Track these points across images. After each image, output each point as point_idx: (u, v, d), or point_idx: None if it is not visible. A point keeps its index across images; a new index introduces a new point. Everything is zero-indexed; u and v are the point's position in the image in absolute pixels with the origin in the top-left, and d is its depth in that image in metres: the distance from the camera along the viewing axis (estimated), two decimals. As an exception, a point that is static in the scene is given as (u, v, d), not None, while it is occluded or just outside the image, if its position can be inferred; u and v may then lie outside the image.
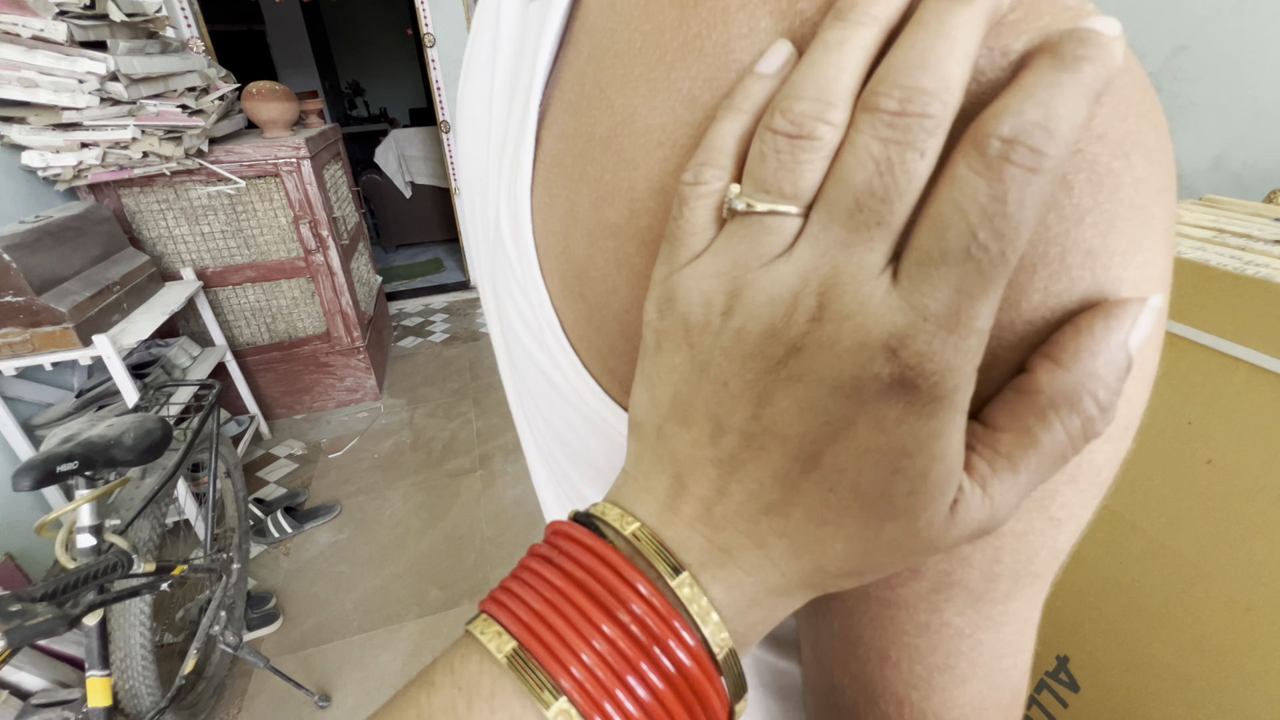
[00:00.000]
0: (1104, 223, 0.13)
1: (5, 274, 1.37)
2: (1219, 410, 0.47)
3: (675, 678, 0.15)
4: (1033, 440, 0.14)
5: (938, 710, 0.18)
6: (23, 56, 1.48)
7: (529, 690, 0.14)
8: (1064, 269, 0.14)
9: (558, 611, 0.15)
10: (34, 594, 0.62)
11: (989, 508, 0.14)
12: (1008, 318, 0.14)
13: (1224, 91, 1.05)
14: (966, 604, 0.17)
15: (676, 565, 0.15)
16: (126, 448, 0.91)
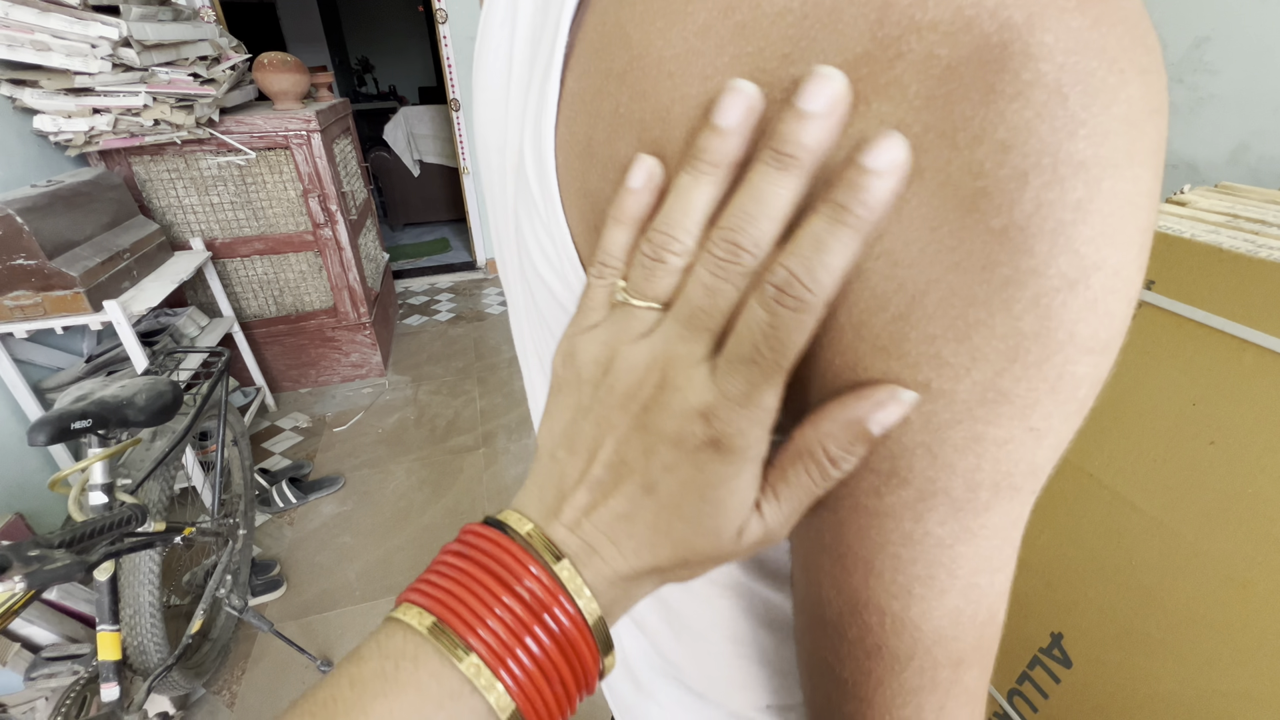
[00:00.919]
0: (1097, 136, 0.14)
1: (18, 237, 1.38)
2: (1224, 391, 0.48)
3: (559, 637, 0.19)
4: (784, 478, 0.19)
5: (916, 620, 0.19)
6: (36, 19, 1.48)
7: (446, 650, 0.18)
8: (1056, 179, 0.14)
9: (468, 589, 0.19)
10: (52, 541, 0.64)
11: (763, 527, 0.20)
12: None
13: (1245, 84, 1.04)
14: (948, 513, 0.18)
15: (558, 554, 0.20)
16: (139, 408, 0.92)
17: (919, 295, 0.16)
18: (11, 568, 0.52)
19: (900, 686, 0.21)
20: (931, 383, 0.16)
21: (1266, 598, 0.46)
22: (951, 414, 0.16)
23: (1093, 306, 0.15)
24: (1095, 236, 0.14)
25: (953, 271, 0.15)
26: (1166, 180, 1.20)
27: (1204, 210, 0.56)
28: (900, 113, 0.15)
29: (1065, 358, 0.15)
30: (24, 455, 1.55)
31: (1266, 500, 0.46)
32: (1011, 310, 0.15)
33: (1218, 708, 0.49)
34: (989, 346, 0.16)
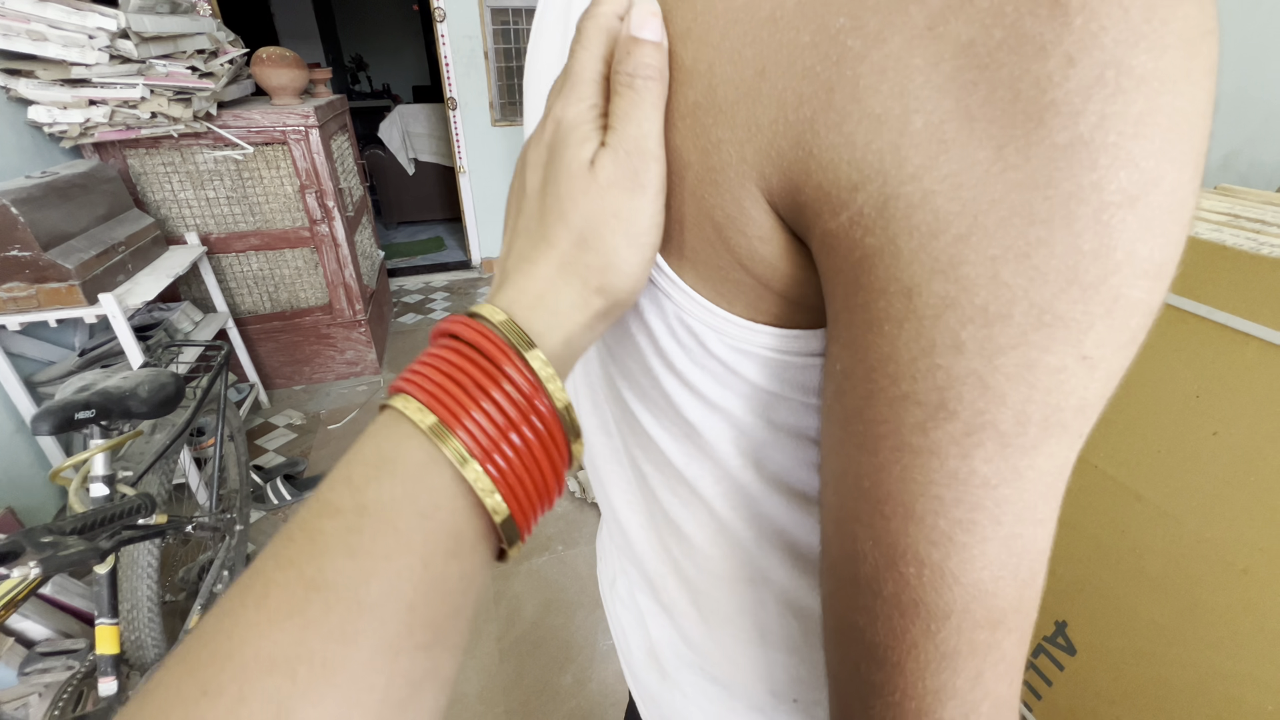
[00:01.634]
0: (1157, 49, 0.14)
1: (13, 228, 1.36)
2: (1227, 384, 0.49)
3: (462, 348, 0.21)
4: (611, 108, 0.23)
5: (955, 571, 0.18)
6: (32, 9, 1.46)
7: (435, 438, 0.20)
8: (1119, 90, 0.14)
9: (453, 380, 0.21)
10: (64, 528, 0.63)
11: (611, 149, 0.22)
12: None
13: (1235, 93, 1.07)
14: (995, 449, 0.17)
15: (529, 343, 0.22)
16: (141, 399, 0.92)
17: (982, 215, 0.16)
18: (25, 553, 0.52)
19: (935, 650, 0.19)
20: (989, 306, 0.16)
21: (1267, 583, 0.48)
22: (1007, 338, 0.16)
23: (1150, 225, 0.15)
24: (1155, 151, 0.15)
25: (1016, 189, 0.15)
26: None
27: (1206, 210, 0.58)
28: (972, 31, 0.15)
29: (1122, 279, 0.15)
30: (15, 449, 1.53)
31: (1268, 489, 0.47)
32: (1073, 227, 0.15)
33: (1219, 690, 0.51)
34: (1048, 266, 0.15)
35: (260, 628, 0.16)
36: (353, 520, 0.18)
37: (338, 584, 0.17)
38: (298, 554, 0.18)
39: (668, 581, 0.38)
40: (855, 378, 0.20)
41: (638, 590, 0.43)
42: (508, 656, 1.46)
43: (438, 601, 0.19)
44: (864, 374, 0.19)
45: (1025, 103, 0.15)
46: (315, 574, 0.17)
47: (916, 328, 0.17)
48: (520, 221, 0.25)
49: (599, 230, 0.22)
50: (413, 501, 0.19)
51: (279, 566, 0.18)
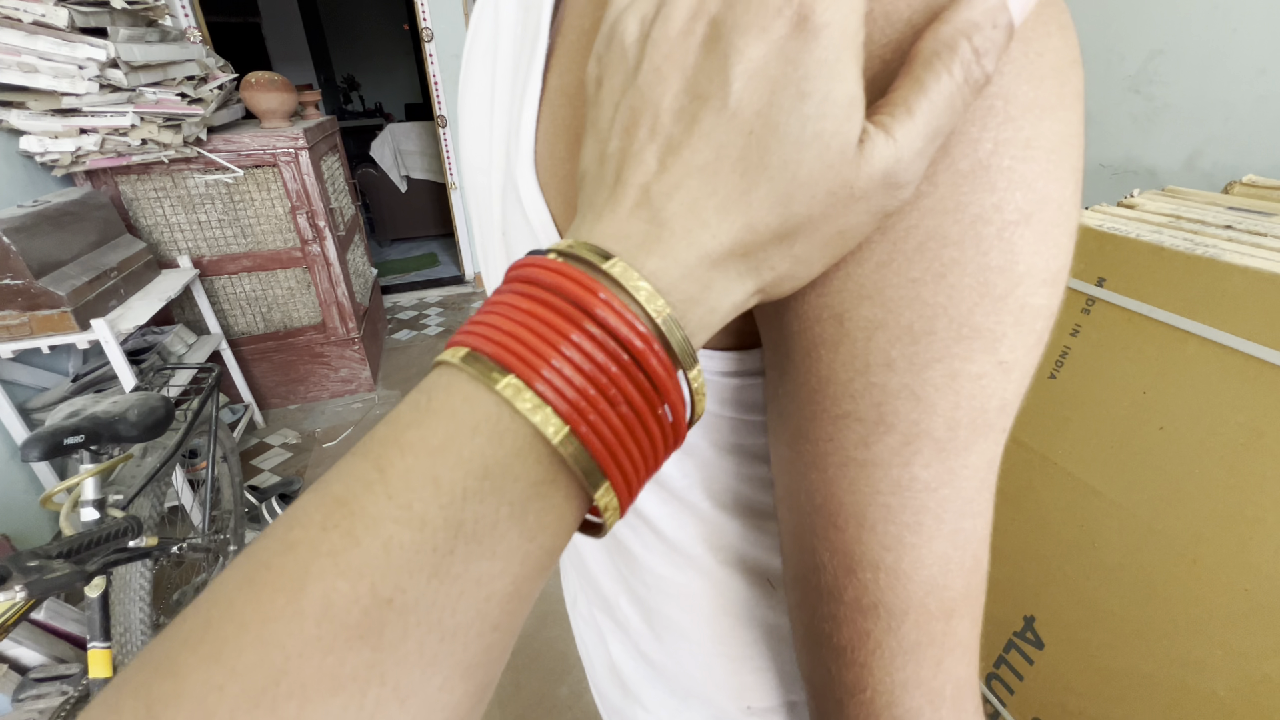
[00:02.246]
0: (1035, 79, 0.16)
1: (5, 257, 1.38)
2: (1171, 380, 0.51)
3: (606, 341, 0.16)
4: (921, 86, 0.15)
5: (909, 571, 0.20)
6: (23, 41, 1.49)
7: (480, 374, 0.16)
8: (1009, 118, 0.16)
9: (497, 314, 0.17)
10: (51, 551, 0.65)
11: (894, 146, 0.15)
12: None
13: (1197, 94, 1.10)
14: (932, 455, 0.19)
15: (605, 253, 0.16)
16: (131, 423, 0.93)
17: (900, 241, 0.17)
18: (11, 578, 0.53)
19: (898, 645, 0.21)
20: (914, 325, 0.17)
21: (1215, 571, 0.49)
22: (932, 353, 0.17)
23: (1044, 238, 0.17)
24: (1042, 172, 0.16)
25: (929, 215, 0.17)
26: (1125, 185, 1.25)
27: (1150, 213, 0.60)
28: (873, 68, 0.17)
29: (1026, 289, 0.17)
30: (9, 476, 1.54)
31: (1211, 480, 0.49)
32: (980, 246, 0.16)
33: (1175, 676, 0.52)
34: (962, 284, 0.17)
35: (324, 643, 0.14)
36: (443, 539, 0.15)
37: (419, 607, 0.15)
38: (369, 565, 0.15)
39: (620, 600, 0.38)
40: (798, 400, 0.20)
41: (595, 608, 0.44)
42: (505, 669, 1.46)
43: (519, 614, 0.17)
44: (806, 396, 0.20)
45: None
46: (394, 593, 0.15)
47: (850, 350, 0.18)
48: (700, 143, 0.16)
49: (813, 235, 0.17)
50: (520, 524, 0.16)
51: (342, 574, 0.14)
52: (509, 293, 0.17)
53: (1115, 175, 1.26)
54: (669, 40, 0.17)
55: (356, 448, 0.16)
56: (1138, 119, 1.19)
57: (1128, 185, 1.24)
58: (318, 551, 0.15)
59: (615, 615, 0.40)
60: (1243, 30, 1.01)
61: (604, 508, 0.17)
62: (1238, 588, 0.48)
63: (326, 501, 0.15)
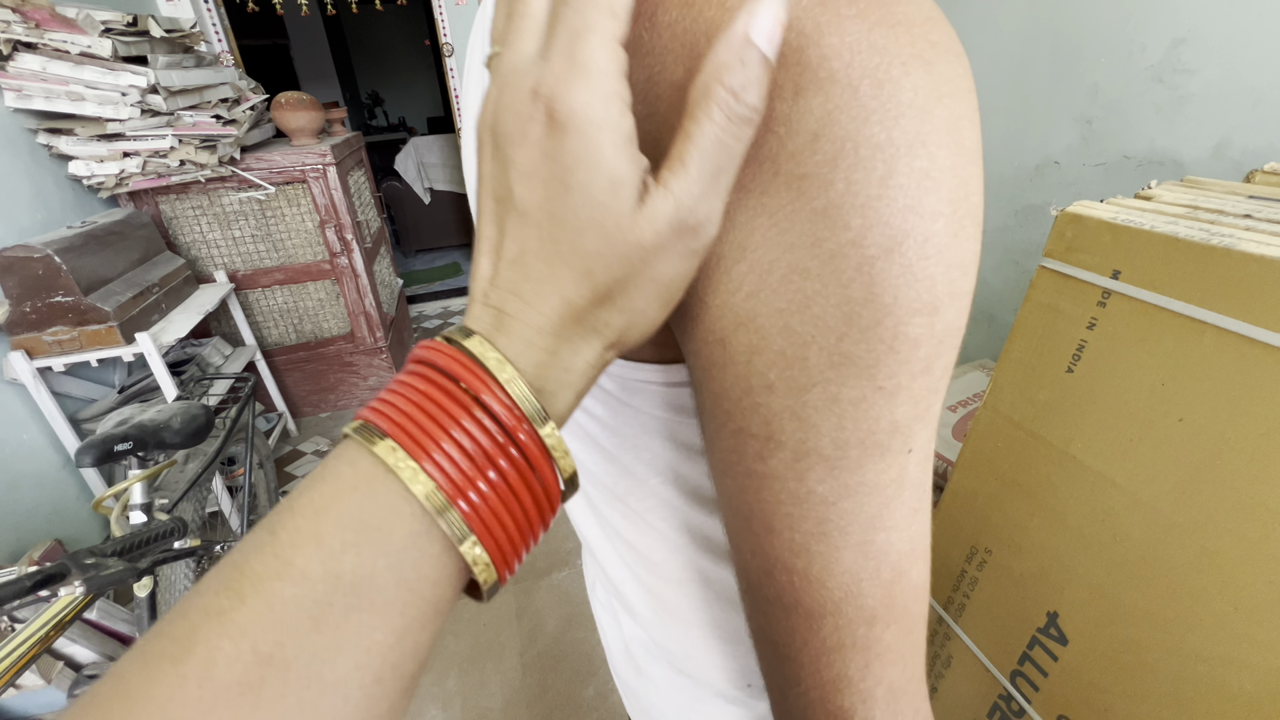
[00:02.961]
0: (888, 120, 0.16)
1: (56, 275, 1.46)
2: (1189, 371, 0.51)
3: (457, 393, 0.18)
4: (687, 136, 0.17)
5: (820, 577, 0.20)
6: (71, 72, 1.58)
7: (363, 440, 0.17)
8: (859, 160, 0.16)
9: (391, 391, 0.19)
10: (105, 550, 0.69)
11: (671, 199, 0.17)
12: None
13: (1222, 82, 1.07)
14: (825, 472, 0.19)
15: (468, 330, 0.19)
16: (174, 430, 0.98)
17: (765, 274, 0.18)
18: (71, 574, 0.57)
19: (822, 645, 0.21)
20: (786, 351, 0.18)
21: (1238, 564, 0.49)
22: (807, 378, 0.18)
23: (909, 271, 0.17)
24: (900, 209, 0.16)
25: (789, 251, 0.17)
26: (1149, 176, 1.23)
27: (1166, 203, 0.60)
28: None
29: (896, 319, 0.17)
30: (62, 484, 1.61)
31: (1232, 471, 0.48)
32: (840, 279, 0.17)
33: (1200, 672, 0.51)
34: (826, 314, 0.17)
35: (204, 704, 0.14)
36: (322, 592, 0.16)
37: (299, 661, 0.15)
38: (251, 622, 0.15)
39: (627, 585, 0.40)
40: (705, 413, 0.22)
41: (609, 594, 0.45)
42: (530, 671, 1.48)
43: (405, 668, 0.17)
44: (709, 410, 0.21)
45: (785, 176, 0.17)
46: (273, 649, 0.15)
47: (735, 371, 0.19)
48: (509, 242, 0.19)
49: (630, 292, 0.18)
50: (396, 574, 0.17)
51: (226, 633, 0.15)
52: (403, 372, 0.19)
53: (1140, 167, 1.23)
54: (480, 148, 0.19)
55: (262, 520, 0.18)
56: (1162, 109, 1.17)
57: (1152, 176, 1.22)
58: (207, 614, 0.15)
59: (624, 599, 0.41)
60: (1269, 15, 0.98)
61: (473, 561, 0.17)
62: (1263, 580, 0.47)
63: (225, 567, 0.16)
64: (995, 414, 0.71)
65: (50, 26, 1.53)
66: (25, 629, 0.65)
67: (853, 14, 0.16)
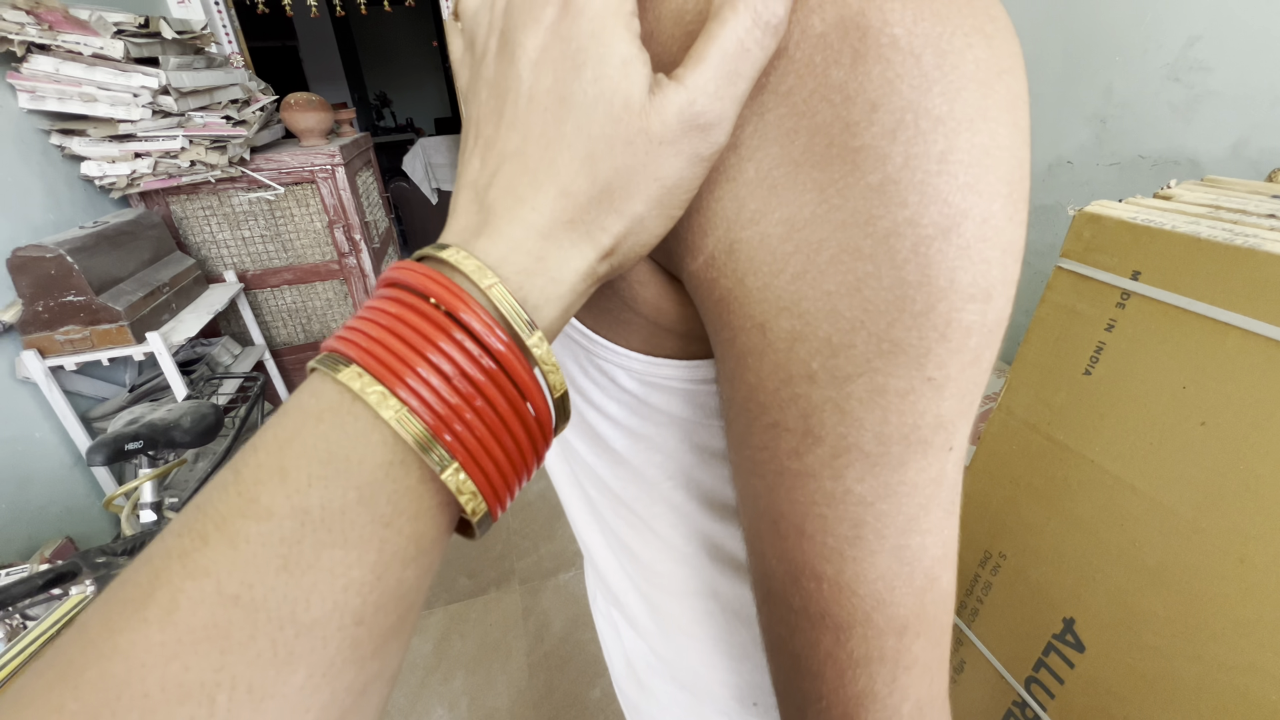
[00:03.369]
0: (950, 92, 0.15)
1: (68, 275, 1.47)
2: (1211, 374, 0.50)
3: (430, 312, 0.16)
4: (709, 35, 0.16)
5: (851, 584, 0.19)
6: (84, 73, 1.59)
7: (326, 368, 0.16)
8: (919, 133, 0.15)
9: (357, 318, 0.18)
10: (116, 549, 0.69)
11: (684, 91, 0.16)
12: None
13: (1240, 80, 1.06)
14: (865, 469, 0.18)
15: (442, 244, 0.18)
16: (185, 429, 0.98)
17: (813, 254, 0.17)
18: (82, 573, 0.57)
19: (848, 657, 0.20)
20: (832, 338, 0.17)
21: (1264, 571, 0.48)
22: (853, 366, 0.17)
23: (967, 253, 0.16)
24: (960, 187, 0.15)
25: (841, 229, 0.16)
26: (1165, 176, 1.21)
27: (1188, 203, 0.59)
28: (790, 81, 0.16)
29: (950, 305, 0.16)
30: (73, 482, 1.63)
31: (1257, 476, 0.47)
32: (895, 260, 0.16)
33: (1223, 681, 0.50)
34: (878, 297, 0.16)
35: (168, 648, 0.13)
36: (289, 528, 0.15)
37: (269, 602, 0.14)
38: (214, 562, 0.14)
39: (629, 597, 0.39)
40: (735, 407, 0.20)
41: (610, 605, 0.44)
42: (537, 671, 1.48)
43: (391, 608, 0.16)
44: (741, 403, 0.20)
45: (839, 148, 0.16)
46: (239, 589, 0.14)
47: (774, 360, 0.18)
48: (507, 134, 0.18)
49: (631, 190, 0.17)
50: (370, 509, 0.15)
51: (189, 575, 0.14)
52: (373, 296, 0.18)
53: (1155, 166, 1.22)
54: (478, 65, 0.19)
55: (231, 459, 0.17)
56: (1177, 108, 1.15)
57: (1168, 176, 1.20)
58: (170, 556, 0.14)
59: (625, 611, 0.40)
60: (1289, 12, 0.97)
61: (457, 490, 0.16)
62: (1288, 587, 0.46)
63: (188, 510, 0.16)
64: (1010, 416, 0.70)
65: (63, 28, 1.55)
66: (36, 627, 0.66)
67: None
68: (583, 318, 0.25)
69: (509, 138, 0.18)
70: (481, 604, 1.66)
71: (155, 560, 0.15)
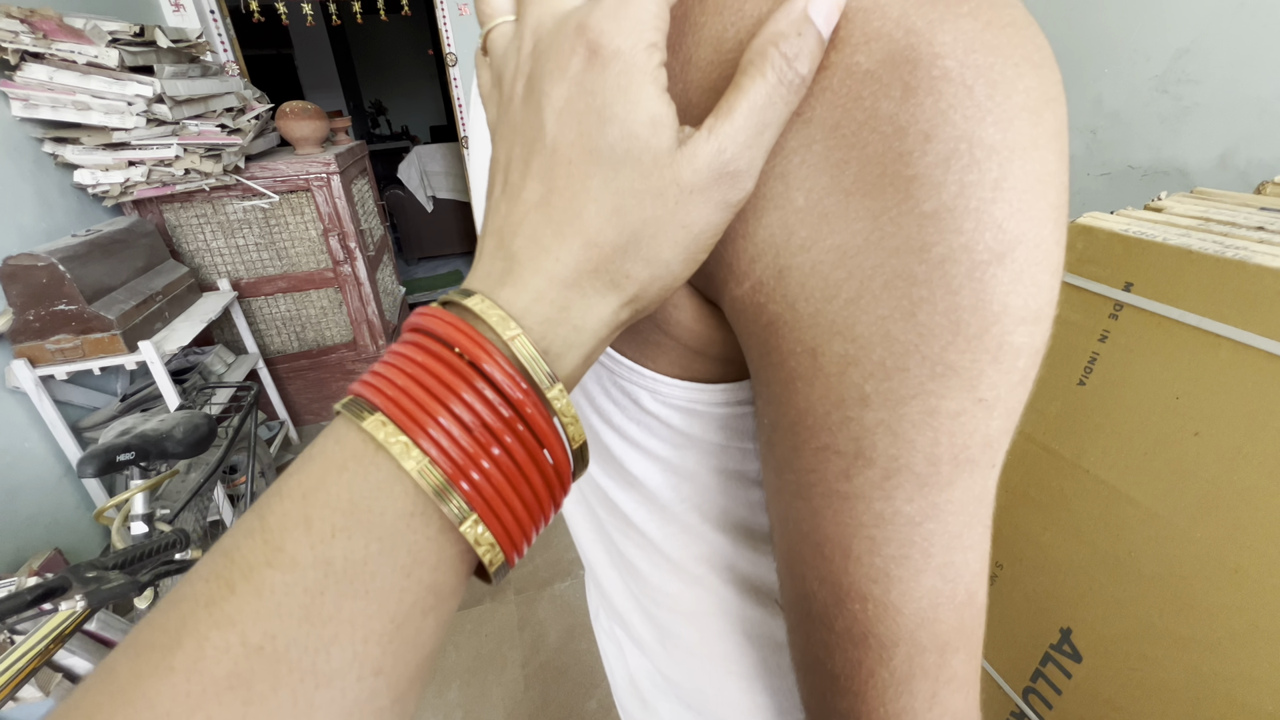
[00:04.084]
0: (1003, 122, 0.16)
1: (60, 284, 1.46)
2: (1204, 385, 0.50)
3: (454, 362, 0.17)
4: (739, 89, 0.17)
5: (898, 604, 0.19)
6: (78, 81, 1.58)
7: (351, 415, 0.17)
8: (973, 162, 0.16)
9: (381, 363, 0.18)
10: (107, 563, 0.68)
11: (714, 141, 0.17)
12: None
13: (1227, 92, 1.07)
14: (914, 490, 0.18)
15: (467, 291, 0.18)
16: (177, 440, 0.98)
17: (867, 280, 0.17)
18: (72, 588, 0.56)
19: (891, 676, 0.20)
20: (886, 361, 0.17)
21: (1259, 580, 0.48)
22: (907, 389, 0.17)
23: (1020, 277, 0.16)
24: (1014, 213, 0.16)
25: (895, 255, 0.17)
26: (1155, 186, 1.23)
27: (1178, 215, 0.59)
28: (836, 115, 0.17)
29: (1003, 328, 0.17)
30: (62, 493, 1.61)
31: (1250, 486, 0.48)
32: (950, 285, 0.16)
33: (1220, 691, 0.50)
34: (933, 322, 0.17)
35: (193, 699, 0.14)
36: (313, 579, 0.15)
37: (291, 653, 0.14)
38: (240, 611, 0.14)
39: (633, 617, 0.38)
40: (781, 430, 0.21)
41: (614, 623, 0.44)
42: (532, 683, 1.47)
43: (409, 658, 0.17)
44: (788, 427, 0.20)
45: (892, 177, 0.16)
46: (263, 639, 0.14)
47: (825, 384, 0.18)
48: (533, 183, 0.18)
49: (659, 239, 0.18)
50: (391, 559, 0.16)
51: (215, 624, 0.14)
52: (398, 342, 0.19)
53: (1145, 177, 1.23)
54: (505, 107, 0.19)
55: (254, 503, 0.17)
56: (1167, 119, 1.17)
57: (1158, 187, 1.22)
58: (197, 603, 0.15)
59: (631, 631, 0.40)
60: (1271, 25, 0.98)
61: (475, 542, 0.17)
62: (1283, 597, 0.47)
63: (214, 554, 0.16)
64: (1005, 426, 0.70)
65: (58, 37, 1.54)
66: (25, 642, 0.65)
67: (966, 12, 0.16)
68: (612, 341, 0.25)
69: (534, 187, 0.18)
70: (476, 614, 1.65)
71: (183, 605, 0.15)
